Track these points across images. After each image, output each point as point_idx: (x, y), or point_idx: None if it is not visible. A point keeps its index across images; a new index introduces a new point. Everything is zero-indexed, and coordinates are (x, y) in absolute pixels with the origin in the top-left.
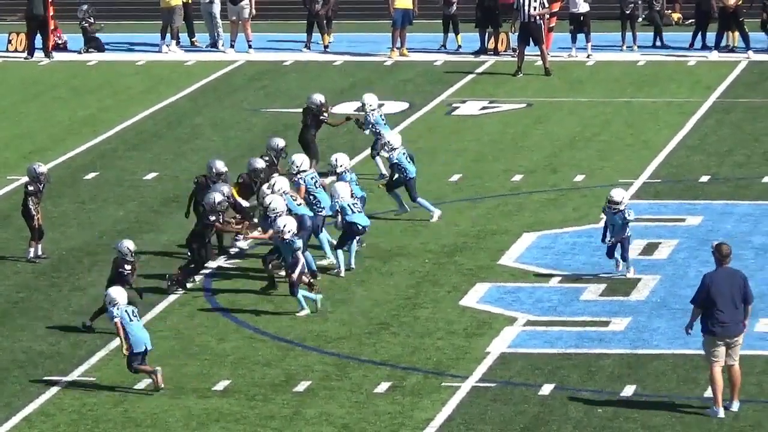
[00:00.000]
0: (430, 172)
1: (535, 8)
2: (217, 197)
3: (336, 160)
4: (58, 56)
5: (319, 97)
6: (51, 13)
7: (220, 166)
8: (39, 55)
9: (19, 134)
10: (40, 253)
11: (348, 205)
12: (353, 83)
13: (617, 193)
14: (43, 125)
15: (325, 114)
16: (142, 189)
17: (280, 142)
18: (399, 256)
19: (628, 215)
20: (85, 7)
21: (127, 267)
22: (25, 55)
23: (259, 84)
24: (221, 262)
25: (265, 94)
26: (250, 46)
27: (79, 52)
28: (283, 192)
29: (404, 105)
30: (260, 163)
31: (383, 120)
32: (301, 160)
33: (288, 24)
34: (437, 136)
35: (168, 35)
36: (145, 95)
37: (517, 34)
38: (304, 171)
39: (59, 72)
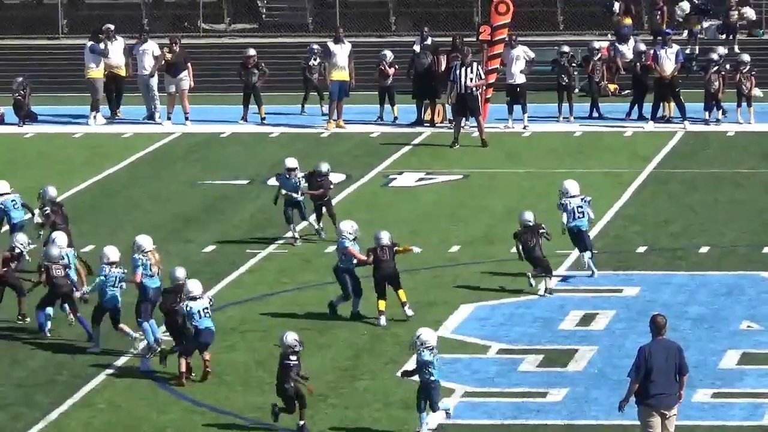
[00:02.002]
0: (367, 244)
1: (471, 79)
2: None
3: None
4: None
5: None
6: None
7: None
8: None
9: None
10: None
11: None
12: (290, 155)
13: (425, 332)
14: None
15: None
16: None
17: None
18: (337, 328)
19: (433, 357)
20: (20, 79)
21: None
22: None
23: (196, 156)
24: (159, 333)
25: (202, 167)
26: (187, 118)
27: (18, 125)
28: (61, 248)
29: (341, 176)
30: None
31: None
32: (348, 226)
33: (225, 96)
34: (374, 207)
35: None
36: (83, 167)
37: (453, 105)
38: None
39: None
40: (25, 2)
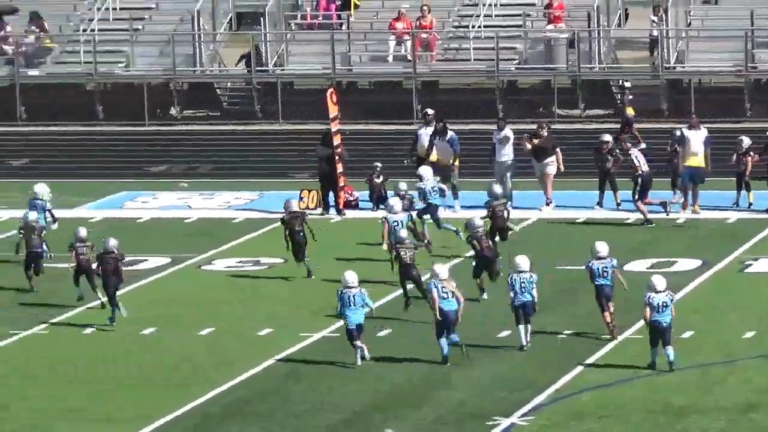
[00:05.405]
0: (724, 329)
1: None
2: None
3: None
4: (349, 213)
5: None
6: (339, 170)
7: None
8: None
9: (312, 293)
10: None
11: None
12: (648, 240)
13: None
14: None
15: None
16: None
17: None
18: (693, 413)
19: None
20: (378, 164)
21: None
22: (319, 211)
23: (551, 240)
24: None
25: (556, 251)
26: (548, 204)
27: (372, 210)
28: None
29: (697, 262)
30: None
31: None
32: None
33: (579, 182)
34: (731, 293)
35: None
36: (436, 249)
37: None
38: None
39: (350, 229)
40: (383, 88)
